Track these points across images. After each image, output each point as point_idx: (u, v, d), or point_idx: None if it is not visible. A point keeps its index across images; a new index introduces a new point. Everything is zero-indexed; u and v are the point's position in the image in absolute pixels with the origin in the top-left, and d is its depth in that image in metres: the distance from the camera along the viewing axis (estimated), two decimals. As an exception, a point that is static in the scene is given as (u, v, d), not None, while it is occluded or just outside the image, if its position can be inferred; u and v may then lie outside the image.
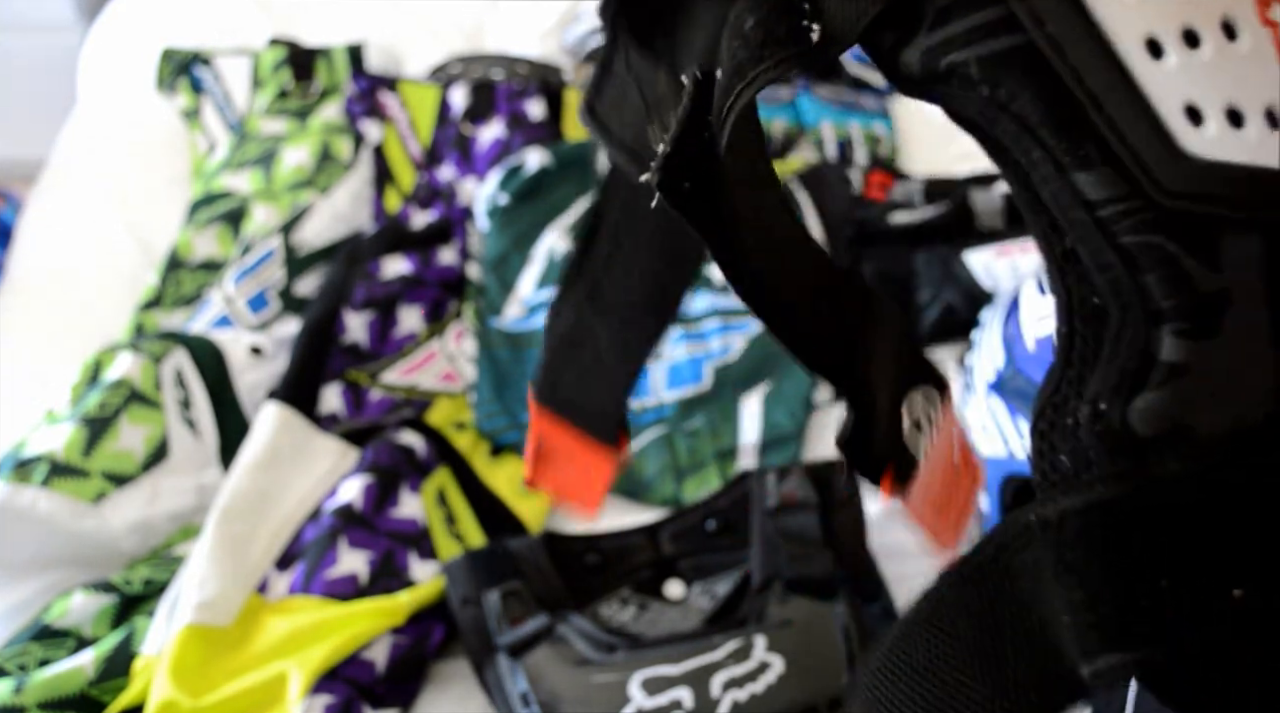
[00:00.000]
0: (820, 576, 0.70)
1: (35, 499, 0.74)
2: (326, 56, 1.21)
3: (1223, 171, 0.27)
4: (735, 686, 0.62)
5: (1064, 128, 0.27)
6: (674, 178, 0.36)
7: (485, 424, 0.88)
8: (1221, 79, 0.27)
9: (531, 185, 1.02)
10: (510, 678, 0.67)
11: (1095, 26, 0.27)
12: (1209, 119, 0.27)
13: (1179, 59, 0.27)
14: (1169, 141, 0.27)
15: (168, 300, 0.99)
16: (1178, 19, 0.27)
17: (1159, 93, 0.27)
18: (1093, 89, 0.27)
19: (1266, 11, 0.27)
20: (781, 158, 1.16)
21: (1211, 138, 0.27)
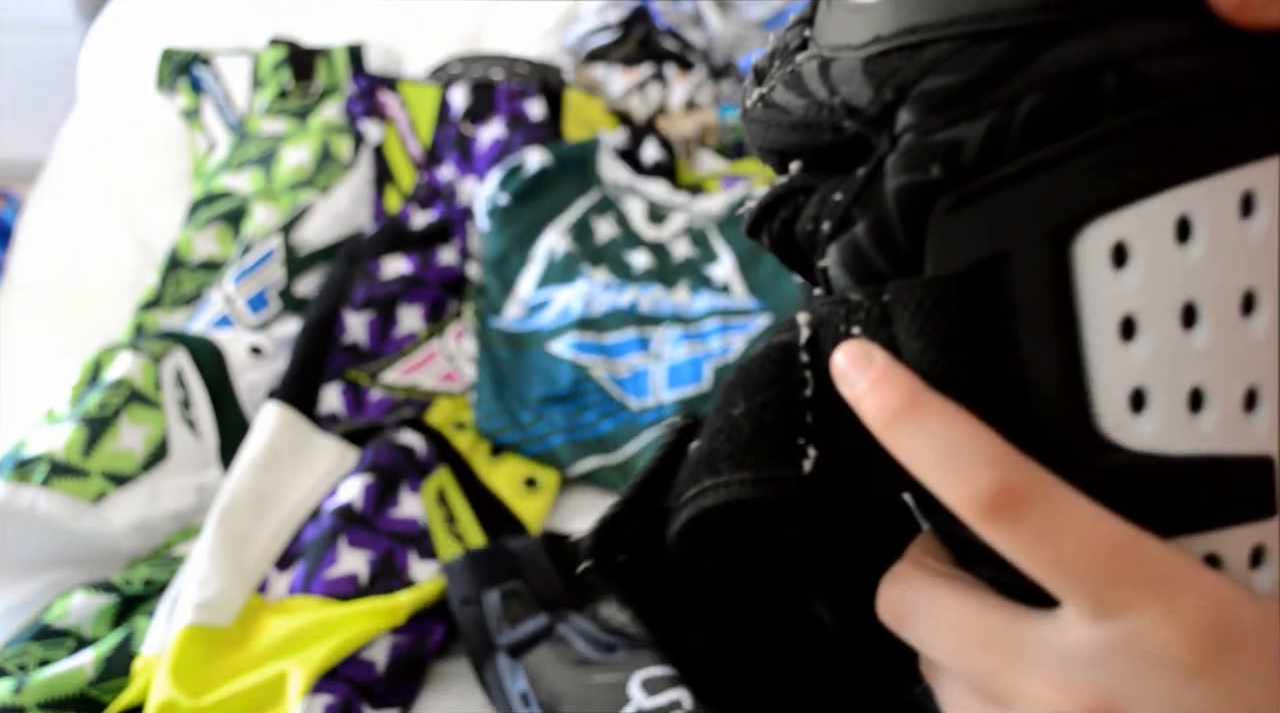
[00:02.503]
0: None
1: (35, 499, 0.74)
2: (326, 56, 1.21)
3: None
4: (735, 686, 0.62)
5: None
6: (608, 547, 0.33)
7: (485, 424, 0.88)
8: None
9: (531, 185, 1.02)
10: (510, 678, 0.67)
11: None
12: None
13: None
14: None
15: (168, 300, 0.99)
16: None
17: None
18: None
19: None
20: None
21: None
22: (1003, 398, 0.25)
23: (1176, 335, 0.24)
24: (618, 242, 1.02)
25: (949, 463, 0.25)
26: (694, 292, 0.98)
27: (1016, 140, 0.24)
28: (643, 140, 1.11)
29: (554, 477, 0.86)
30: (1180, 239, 0.24)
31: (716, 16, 1.32)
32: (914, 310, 0.26)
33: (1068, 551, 0.24)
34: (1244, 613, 0.24)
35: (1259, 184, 0.24)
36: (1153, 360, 0.25)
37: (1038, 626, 0.25)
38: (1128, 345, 0.25)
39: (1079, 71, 0.24)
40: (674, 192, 1.07)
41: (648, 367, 0.92)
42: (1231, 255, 0.24)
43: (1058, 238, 0.24)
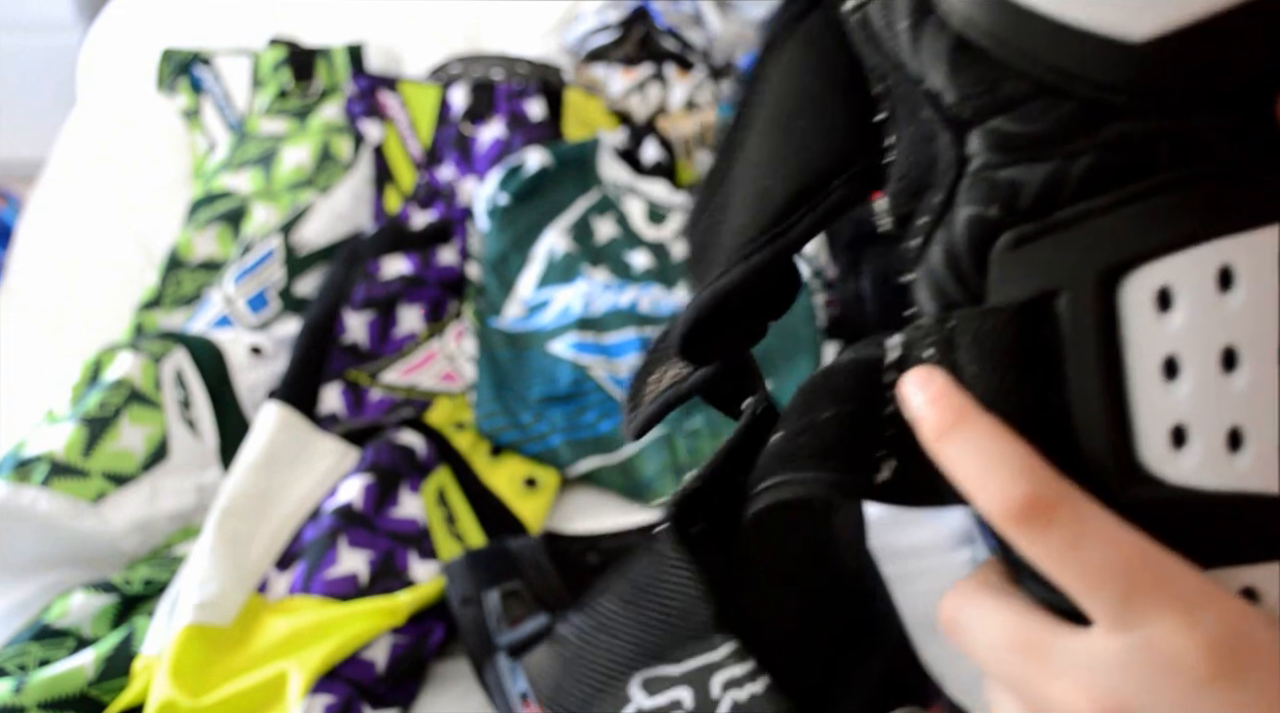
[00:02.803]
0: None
1: (35, 499, 0.74)
2: (326, 56, 1.21)
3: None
4: (735, 686, 0.62)
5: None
6: (687, 515, 0.35)
7: (485, 424, 0.88)
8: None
9: (531, 185, 1.02)
10: (510, 678, 0.67)
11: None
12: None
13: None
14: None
15: (168, 300, 0.99)
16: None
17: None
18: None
19: None
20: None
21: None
22: (1049, 424, 0.27)
23: (1217, 377, 0.26)
24: (618, 242, 1.02)
25: (986, 473, 0.27)
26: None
27: (1073, 189, 0.26)
28: (643, 140, 1.11)
29: (554, 477, 0.86)
30: (1222, 287, 0.26)
31: (716, 16, 1.32)
32: (972, 337, 0.28)
33: (1092, 560, 0.26)
34: (1259, 631, 0.26)
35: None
36: (1193, 400, 0.26)
37: (1068, 635, 0.27)
38: (1170, 385, 0.26)
39: (1139, 142, 0.26)
40: (674, 191, 1.07)
41: (648, 367, 0.92)
42: (1270, 304, 0.26)
43: (1106, 280, 0.26)
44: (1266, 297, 0.26)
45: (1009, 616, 0.29)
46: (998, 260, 0.28)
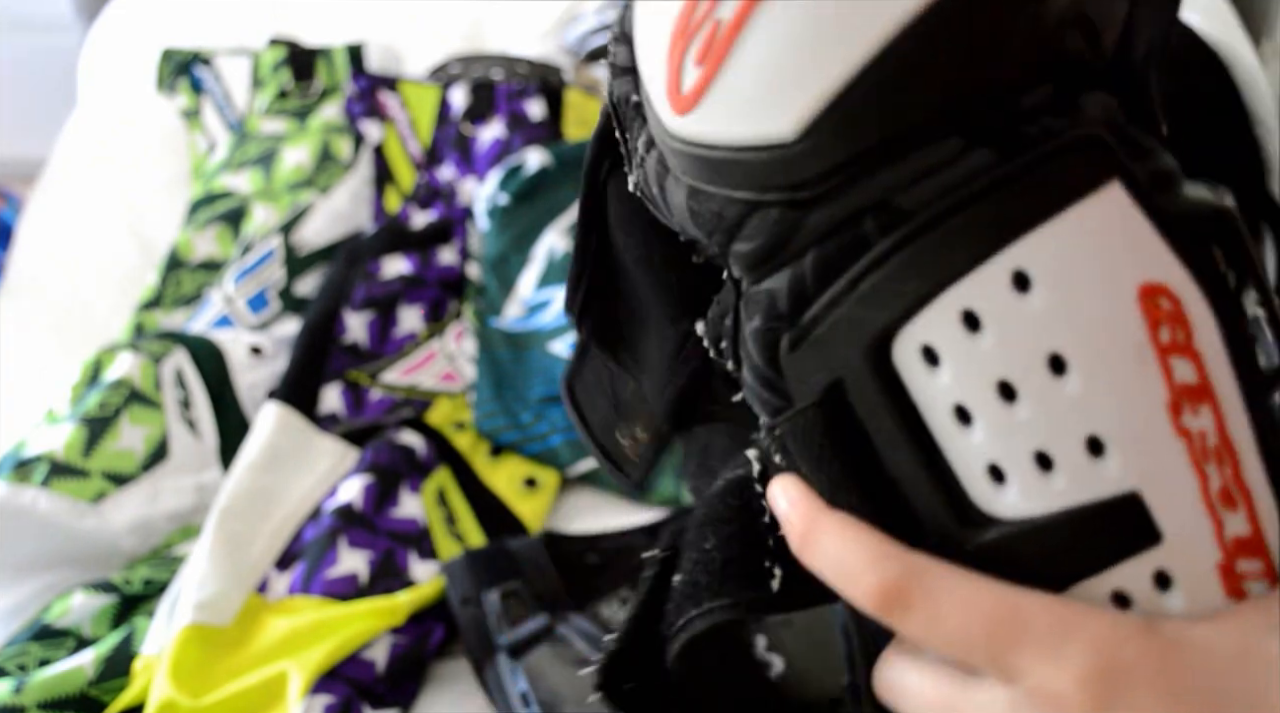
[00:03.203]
0: (820, 576, 0.70)
1: (35, 499, 0.74)
2: (326, 56, 1.21)
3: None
4: (735, 686, 0.62)
5: None
6: (617, 678, 0.37)
7: (485, 424, 0.88)
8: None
9: (531, 185, 1.02)
10: (510, 678, 0.67)
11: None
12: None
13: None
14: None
15: (168, 300, 0.99)
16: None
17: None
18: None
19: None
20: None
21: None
22: (884, 498, 0.29)
23: (1002, 412, 0.26)
24: (618, 242, 1.02)
25: (842, 573, 0.29)
26: (694, 292, 0.98)
27: (813, 285, 0.28)
28: (643, 140, 1.11)
29: (554, 477, 0.86)
30: (971, 329, 0.26)
31: (716, 16, 1.32)
32: (795, 440, 0.30)
33: (955, 630, 0.27)
34: (1125, 651, 0.26)
35: (1025, 260, 0.25)
36: (992, 438, 0.26)
37: (975, 691, 0.28)
38: (967, 430, 0.27)
39: (844, 223, 0.27)
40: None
41: (648, 367, 0.92)
42: (1021, 329, 0.25)
43: (874, 356, 0.27)
44: (1013, 324, 0.26)
45: (926, 679, 0.30)
46: (786, 365, 0.29)
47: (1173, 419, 0.25)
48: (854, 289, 0.27)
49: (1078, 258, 0.25)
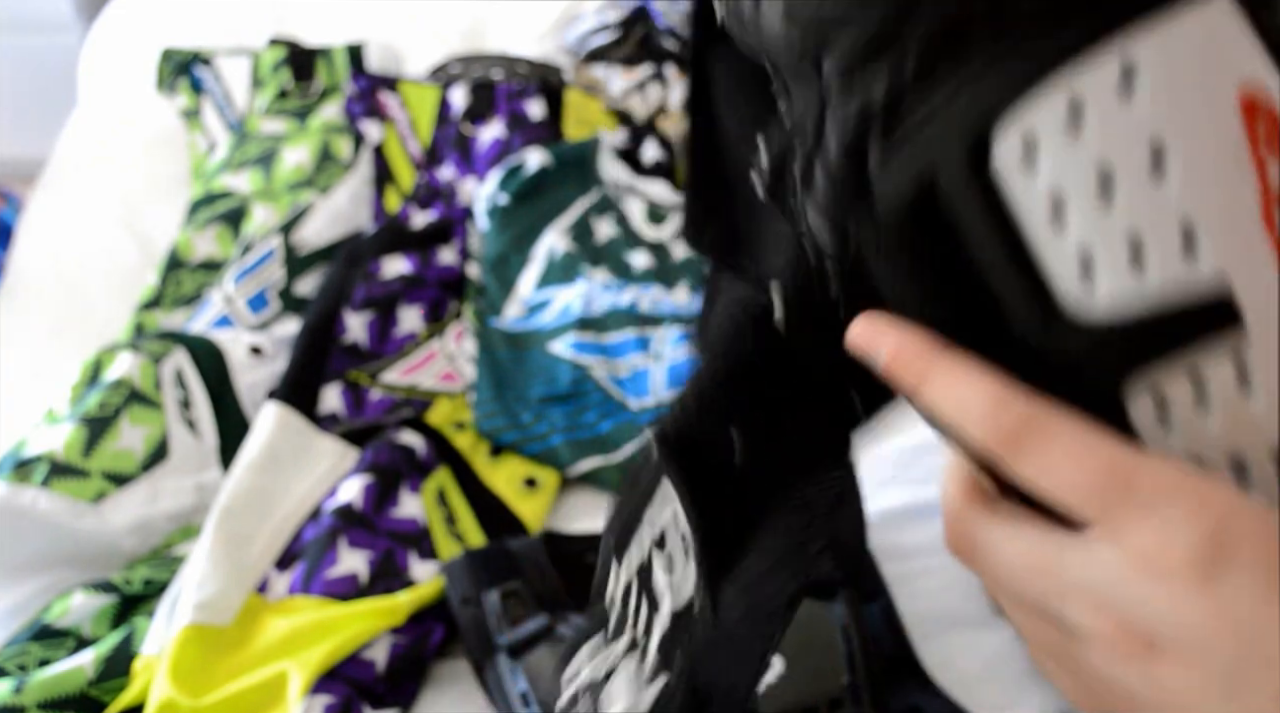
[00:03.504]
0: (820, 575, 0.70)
1: (35, 499, 0.74)
2: (326, 56, 1.21)
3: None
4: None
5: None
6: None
7: (485, 424, 0.88)
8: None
9: (531, 185, 1.02)
10: (510, 678, 0.67)
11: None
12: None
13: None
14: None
15: (168, 300, 0.99)
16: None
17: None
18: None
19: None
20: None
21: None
22: (977, 308, 0.28)
23: (1099, 202, 0.26)
24: (618, 241, 1.02)
25: (961, 420, 0.28)
26: (694, 291, 0.98)
27: (914, 75, 0.27)
28: (643, 140, 1.11)
29: (554, 477, 0.86)
30: (1075, 119, 0.26)
31: (716, 16, 1.32)
32: (880, 252, 0.28)
33: (1067, 478, 0.27)
34: (1237, 521, 0.25)
35: (1136, 55, 0.25)
36: (1087, 229, 0.26)
37: (1075, 553, 0.28)
38: (1062, 225, 0.26)
39: (952, 12, 0.26)
40: (674, 191, 1.07)
41: (648, 367, 0.92)
42: (1125, 121, 0.25)
43: (974, 148, 0.26)
44: (1116, 117, 0.25)
45: (1020, 539, 0.29)
46: (875, 166, 0.27)
47: (1264, 218, 0.25)
48: (958, 73, 0.26)
49: (1186, 57, 0.25)
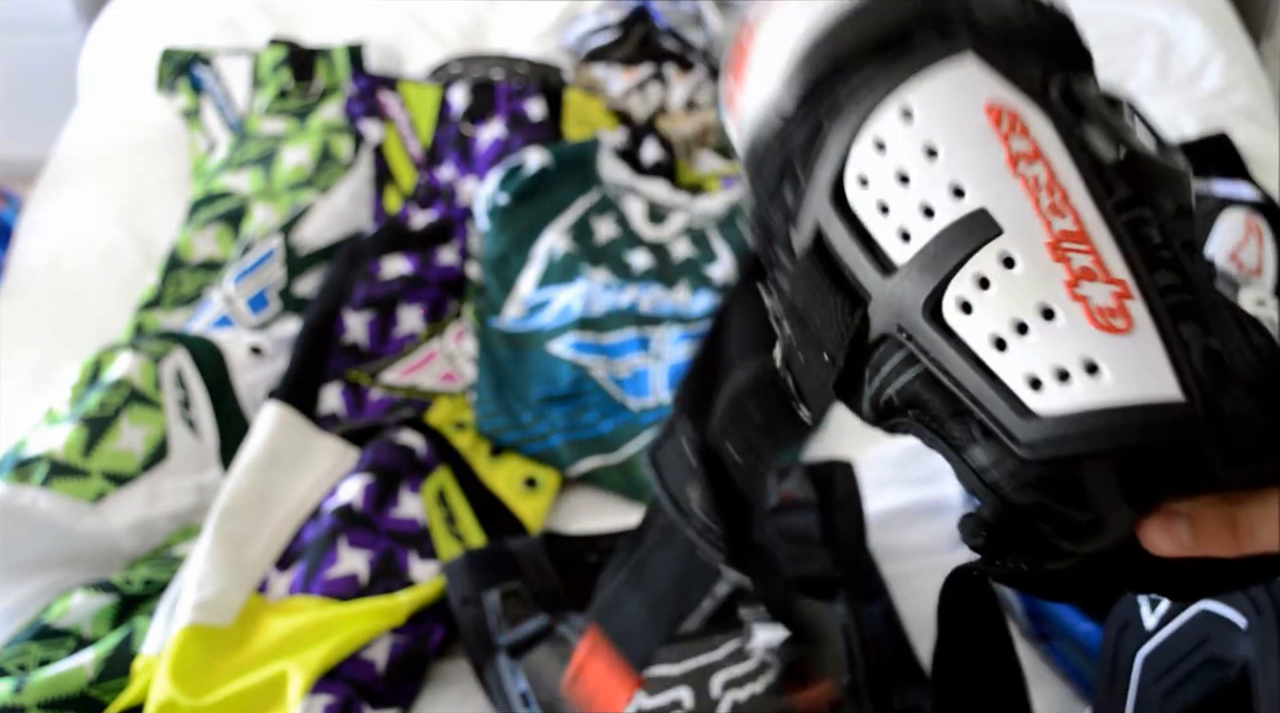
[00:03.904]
0: (820, 575, 0.70)
1: (35, 499, 0.74)
2: (326, 56, 1.21)
3: (1061, 421, 0.32)
4: (735, 686, 0.62)
5: (956, 418, 0.35)
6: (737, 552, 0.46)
7: (485, 424, 0.88)
8: (1048, 350, 0.33)
9: (531, 185, 1.02)
10: (510, 678, 0.67)
11: (958, 339, 0.34)
12: (1045, 383, 0.33)
13: (1016, 345, 0.33)
14: (1020, 406, 0.33)
15: (168, 300, 0.99)
16: (1009, 316, 0.34)
17: (1007, 373, 0.33)
18: (964, 385, 0.34)
19: (1074, 289, 0.33)
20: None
21: (1049, 397, 0.33)
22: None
23: (900, 186, 0.36)
24: (618, 242, 1.02)
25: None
26: (694, 291, 0.98)
27: (800, 162, 0.39)
28: (643, 140, 1.11)
29: (554, 477, 0.86)
30: (879, 149, 0.37)
31: (716, 16, 1.32)
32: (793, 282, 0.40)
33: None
34: None
35: (909, 99, 0.36)
36: (895, 203, 0.36)
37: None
38: (882, 202, 0.36)
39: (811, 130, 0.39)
40: (674, 191, 1.07)
41: (648, 367, 0.92)
42: (907, 137, 0.36)
43: (836, 188, 0.38)
44: (901, 134, 0.36)
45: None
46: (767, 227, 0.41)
47: (1010, 166, 0.35)
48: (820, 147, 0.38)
49: (943, 93, 0.36)
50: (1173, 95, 1.22)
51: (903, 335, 0.36)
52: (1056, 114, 0.35)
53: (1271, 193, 1.01)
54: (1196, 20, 1.32)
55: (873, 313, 0.37)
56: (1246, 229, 0.86)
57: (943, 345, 0.34)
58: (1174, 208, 0.35)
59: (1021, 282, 0.34)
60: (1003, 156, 0.35)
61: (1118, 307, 0.33)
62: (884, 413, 0.37)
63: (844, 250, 0.37)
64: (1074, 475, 0.33)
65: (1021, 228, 0.34)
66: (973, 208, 0.34)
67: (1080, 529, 0.34)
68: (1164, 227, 0.34)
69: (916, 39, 0.37)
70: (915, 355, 0.35)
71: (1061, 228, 0.34)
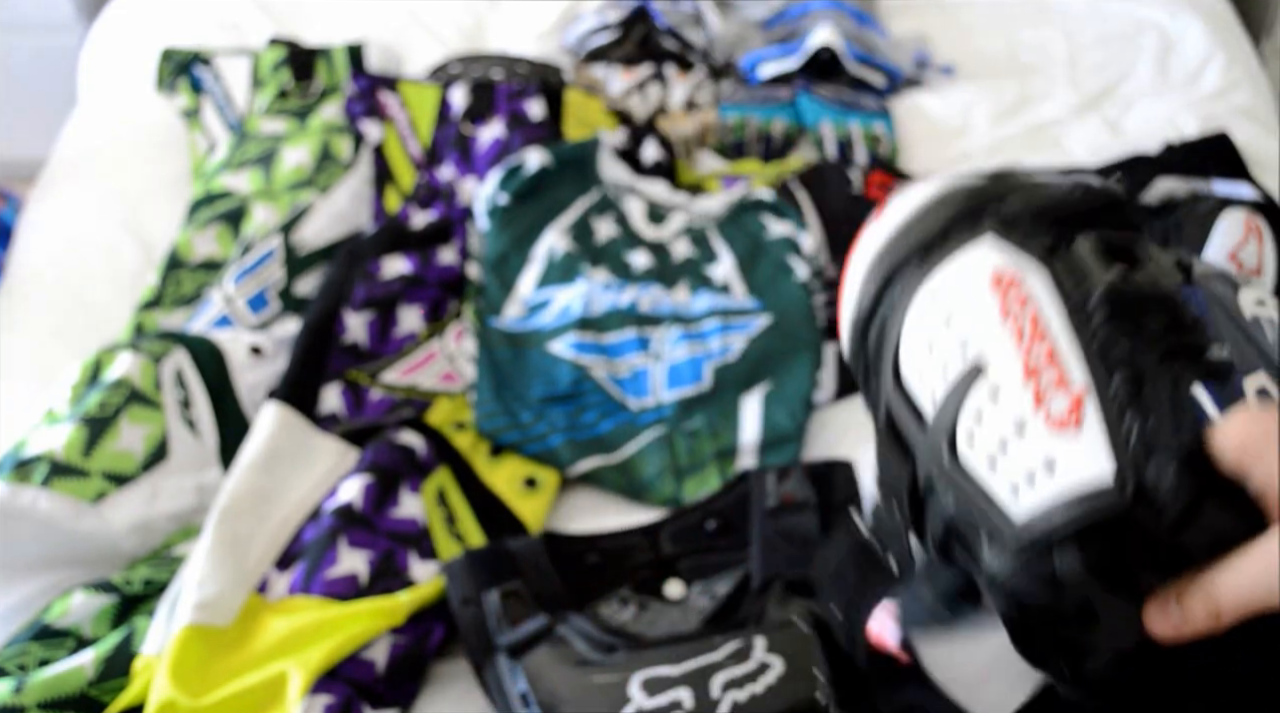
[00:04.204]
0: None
1: (35, 499, 0.74)
2: (326, 56, 1.21)
3: (1029, 519, 0.37)
4: (735, 686, 0.62)
5: (976, 535, 0.40)
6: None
7: (485, 424, 0.88)
8: (1022, 458, 0.38)
9: (531, 185, 1.02)
10: (510, 678, 0.67)
11: (968, 467, 0.41)
12: (1021, 487, 0.38)
13: (1003, 461, 0.39)
14: (1004, 513, 0.39)
15: (168, 300, 0.99)
16: (997, 437, 0.39)
17: (998, 486, 0.39)
18: (975, 503, 0.40)
19: (1039, 402, 0.39)
20: (782, 158, 1.16)
21: (1024, 499, 0.38)
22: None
23: (927, 351, 0.45)
24: (618, 241, 1.02)
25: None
26: (694, 291, 0.98)
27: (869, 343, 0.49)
28: (643, 140, 1.11)
29: (554, 477, 0.86)
30: (918, 313, 0.46)
31: (716, 16, 1.32)
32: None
33: None
34: None
35: (935, 282, 0.46)
36: (921, 363, 0.45)
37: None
38: (919, 361, 0.45)
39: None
40: (674, 191, 1.07)
41: (647, 367, 0.92)
42: (934, 308, 0.45)
43: (895, 362, 0.47)
44: (928, 304, 0.46)
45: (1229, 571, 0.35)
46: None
47: (1003, 317, 0.41)
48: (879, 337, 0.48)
49: (959, 272, 0.44)
50: (1173, 95, 1.22)
51: (938, 473, 0.42)
52: (1054, 267, 0.41)
53: (1271, 193, 1.01)
54: (1196, 20, 1.32)
55: (919, 464, 0.43)
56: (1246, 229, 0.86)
57: (958, 476, 0.40)
58: (1167, 321, 0.39)
59: (1003, 407, 0.39)
60: (997, 310, 0.41)
61: (1072, 409, 0.38)
62: (942, 549, 0.43)
63: (900, 420, 0.45)
64: (1050, 563, 0.37)
65: (1005, 363, 0.40)
66: (973, 356, 0.41)
67: (1077, 617, 0.37)
68: (1141, 336, 0.38)
69: (951, 235, 0.45)
70: (946, 487, 0.41)
71: (1036, 355, 0.40)
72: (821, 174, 1.07)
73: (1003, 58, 1.31)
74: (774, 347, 0.93)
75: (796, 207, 1.03)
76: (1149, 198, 0.99)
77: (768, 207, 1.03)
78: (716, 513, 0.77)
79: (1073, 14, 1.37)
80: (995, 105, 1.22)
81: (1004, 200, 0.45)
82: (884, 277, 0.47)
